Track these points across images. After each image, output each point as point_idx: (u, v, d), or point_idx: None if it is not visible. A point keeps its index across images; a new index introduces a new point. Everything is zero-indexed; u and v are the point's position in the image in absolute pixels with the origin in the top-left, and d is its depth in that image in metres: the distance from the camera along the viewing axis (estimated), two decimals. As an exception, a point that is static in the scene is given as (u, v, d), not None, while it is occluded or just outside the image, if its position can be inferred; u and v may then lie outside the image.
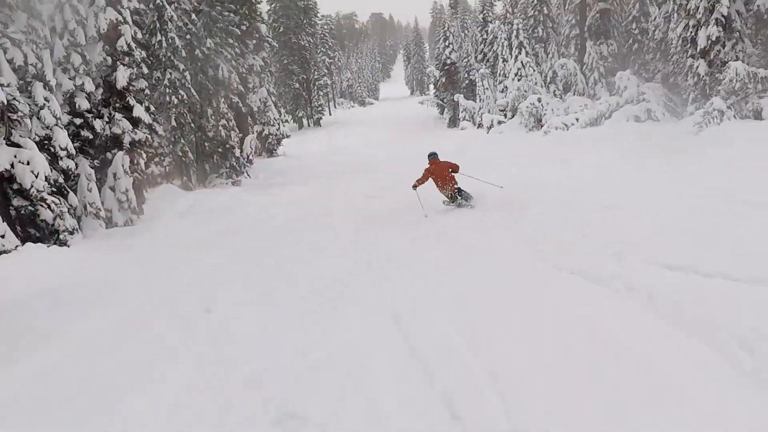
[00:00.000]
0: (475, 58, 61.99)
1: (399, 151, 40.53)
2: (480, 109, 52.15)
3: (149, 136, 21.21)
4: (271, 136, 48.73)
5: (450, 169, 15.68)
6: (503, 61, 51.25)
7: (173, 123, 28.70)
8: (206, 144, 30.58)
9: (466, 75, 61.77)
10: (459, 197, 15.61)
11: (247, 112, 41.80)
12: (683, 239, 9.24)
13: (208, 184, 31.24)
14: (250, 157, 36.35)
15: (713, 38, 23.56)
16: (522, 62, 44.62)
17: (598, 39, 38.65)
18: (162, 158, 28.19)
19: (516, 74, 45.05)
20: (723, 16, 23.27)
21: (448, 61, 63.75)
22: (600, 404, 5.18)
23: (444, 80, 64.40)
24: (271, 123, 48.45)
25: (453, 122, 62.26)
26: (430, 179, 15.85)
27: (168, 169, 28.37)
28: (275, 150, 49.47)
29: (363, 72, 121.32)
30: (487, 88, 52.01)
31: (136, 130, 20.34)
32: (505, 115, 46.12)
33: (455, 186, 15.69)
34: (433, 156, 16.14)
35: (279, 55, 73.77)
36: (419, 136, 55.52)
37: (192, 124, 29.66)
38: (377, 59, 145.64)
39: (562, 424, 5.01)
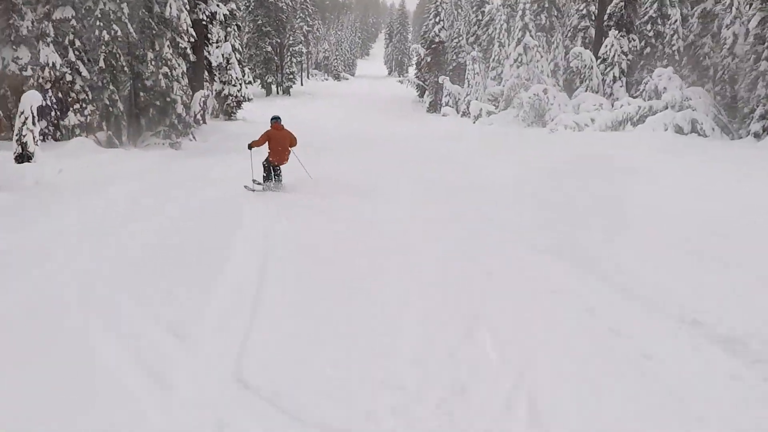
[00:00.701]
0: (467, 39, 56.64)
1: (370, 132, 35.24)
2: (467, 95, 46.85)
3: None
4: (231, 97, 42.88)
5: (289, 142, 14.47)
6: (499, 46, 46.26)
7: (101, 64, 22.91)
8: (142, 94, 24.79)
9: (454, 57, 56.25)
10: (276, 178, 14.34)
11: (205, 65, 36.04)
12: None
13: (141, 143, 25.46)
14: (200, 117, 30.61)
15: (807, 36, 18.14)
16: (525, 46, 39.29)
17: (618, 32, 33.42)
18: (83, 105, 22.46)
19: (516, 60, 39.81)
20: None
21: (437, 39, 58.04)
22: None
23: (429, 60, 58.71)
24: (233, 83, 42.62)
25: (433, 107, 56.91)
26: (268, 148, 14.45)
27: (89, 119, 22.60)
28: (234, 113, 43.65)
29: (341, 45, 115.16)
30: (477, 73, 46.73)
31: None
32: (496, 105, 40.98)
33: (284, 162, 14.50)
34: (276, 120, 14.60)
35: (253, 14, 69.11)
36: (394, 117, 50.01)
37: (126, 69, 23.88)
38: (357, 35, 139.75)
39: None
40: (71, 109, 22.23)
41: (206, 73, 37.19)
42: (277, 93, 74.11)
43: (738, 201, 11.82)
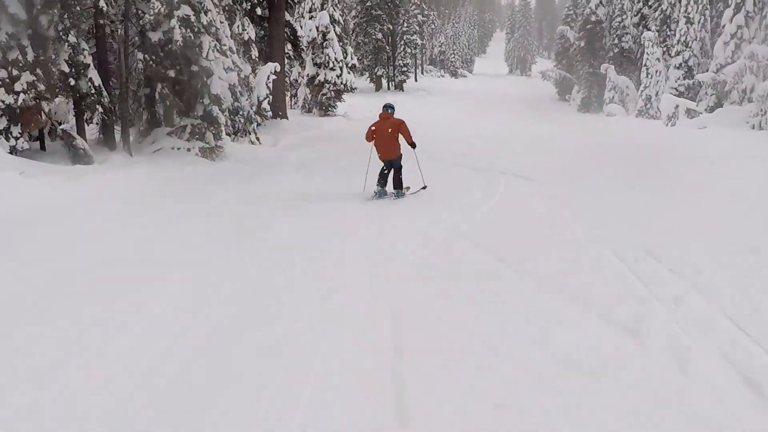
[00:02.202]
0: (631, 19, 43.85)
1: (505, 137, 23.78)
2: (644, 87, 34.42)
3: None
4: (327, 86, 31.61)
5: (398, 134, 11.31)
6: (686, 23, 33.42)
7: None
8: (142, 56, 13.68)
9: (615, 41, 43.42)
10: (382, 180, 11.42)
11: (288, 36, 25.09)
12: None
13: (149, 146, 14.38)
14: (265, 106, 19.48)
15: None
16: (748, 15, 26.78)
17: None
18: (14, 72, 11.46)
19: (734, 35, 27.25)
20: None
21: (593, 18, 45.22)
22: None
23: (582, 45, 45.92)
24: (331, 65, 31.38)
25: (586, 105, 44.34)
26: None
27: (25, 99, 11.53)
28: (332, 107, 32.36)
29: (459, 39, 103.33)
30: (657, 59, 34.33)
31: None
32: (698, 101, 28.72)
33: (395, 157, 11.36)
34: (385, 109, 11.62)
35: (363, -6, 60.13)
36: (534, 119, 36.89)
37: (107, 6, 12.85)
38: (476, 29, 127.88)
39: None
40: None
41: (290, 47, 26.24)
42: (388, 88, 64.72)
43: None
